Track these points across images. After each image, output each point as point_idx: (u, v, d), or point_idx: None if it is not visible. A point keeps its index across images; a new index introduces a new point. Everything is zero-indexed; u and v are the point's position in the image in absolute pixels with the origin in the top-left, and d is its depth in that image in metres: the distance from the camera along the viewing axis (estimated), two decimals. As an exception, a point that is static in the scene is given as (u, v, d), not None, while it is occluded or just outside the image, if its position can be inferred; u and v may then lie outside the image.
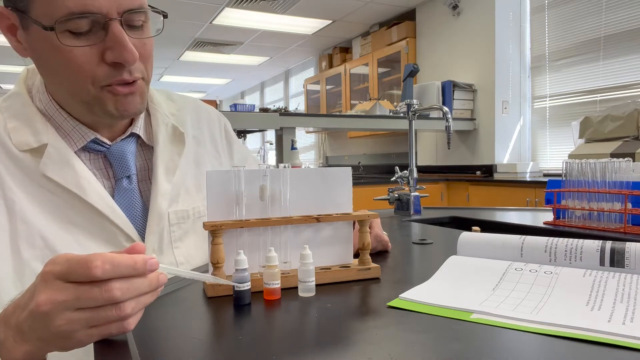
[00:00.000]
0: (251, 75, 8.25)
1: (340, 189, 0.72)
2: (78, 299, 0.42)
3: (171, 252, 0.75)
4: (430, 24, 4.61)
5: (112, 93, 0.64)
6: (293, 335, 0.49)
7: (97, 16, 0.59)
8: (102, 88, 0.64)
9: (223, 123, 0.92)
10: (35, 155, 0.66)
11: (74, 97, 0.66)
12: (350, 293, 0.63)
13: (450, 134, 1.50)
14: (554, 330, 0.47)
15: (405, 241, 1.03)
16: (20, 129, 0.66)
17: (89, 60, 0.61)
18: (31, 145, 0.66)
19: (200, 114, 0.87)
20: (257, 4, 4.62)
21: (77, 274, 0.42)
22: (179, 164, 0.78)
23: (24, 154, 0.66)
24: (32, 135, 0.66)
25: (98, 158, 0.73)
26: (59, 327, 0.43)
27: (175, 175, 0.77)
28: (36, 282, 0.44)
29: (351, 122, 3.85)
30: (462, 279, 0.63)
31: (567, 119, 3.62)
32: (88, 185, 0.68)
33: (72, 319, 0.43)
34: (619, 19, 3.30)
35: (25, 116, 0.67)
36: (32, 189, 0.65)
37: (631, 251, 0.58)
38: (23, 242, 0.63)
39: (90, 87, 0.63)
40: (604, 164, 1.15)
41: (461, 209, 1.67)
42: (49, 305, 0.42)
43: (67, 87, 0.65)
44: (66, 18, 0.58)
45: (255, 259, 0.67)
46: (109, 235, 0.69)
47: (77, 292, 0.42)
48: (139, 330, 0.51)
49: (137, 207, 0.73)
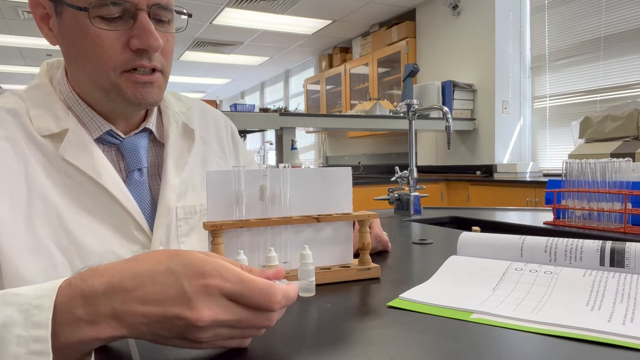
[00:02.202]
0: (251, 75, 8.25)
1: (340, 189, 0.72)
2: (239, 322, 0.40)
3: (177, 246, 0.77)
4: (430, 24, 4.61)
5: (131, 80, 0.67)
6: (293, 335, 0.49)
7: (128, 4, 0.63)
8: (122, 74, 0.67)
9: (230, 126, 0.94)
10: (55, 140, 0.69)
11: (95, 83, 0.68)
12: (350, 293, 0.63)
13: (450, 134, 1.50)
14: (554, 330, 0.47)
15: (405, 241, 1.03)
16: (42, 115, 0.69)
17: (113, 45, 0.65)
18: (52, 131, 0.69)
19: (207, 115, 0.90)
20: (257, 4, 4.62)
21: (255, 302, 0.40)
22: (188, 160, 0.80)
23: (45, 139, 0.68)
24: (53, 122, 0.69)
25: (111, 150, 0.75)
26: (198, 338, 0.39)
27: (184, 171, 0.79)
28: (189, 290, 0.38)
29: (351, 122, 3.85)
30: (462, 279, 0.63)
31: (567, 119, 3.62)
32: (104, 171, 0.70)
33: (219, 334, 0.40)
34: (619, 19, 3.30)
35: (47, 104, 0.70)
36: (51, 171, 0.68)
37: (631, 251, 0.58)
38: (38, 219, 0.65)
39: (111, 72, 0.66)
40: (604, 164, 1.15)
41: (461, 209, 1.67)
42: (208, 322, 0.38)
43: (89, 72, 0.67)
44: (101, 3, 0.62)
45: (255, 259, 0.67)
46: (120, 223, 0.71)
47: (241, 314, 0.40)
48: (139, 330, 0.51)
49: (146, 199, 0.75)
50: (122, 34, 0.65)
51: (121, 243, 0.70)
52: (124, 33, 0.65)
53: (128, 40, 0.65)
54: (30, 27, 5.26)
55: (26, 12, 4.71)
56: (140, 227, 0.72)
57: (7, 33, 5.46)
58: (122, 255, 0.69)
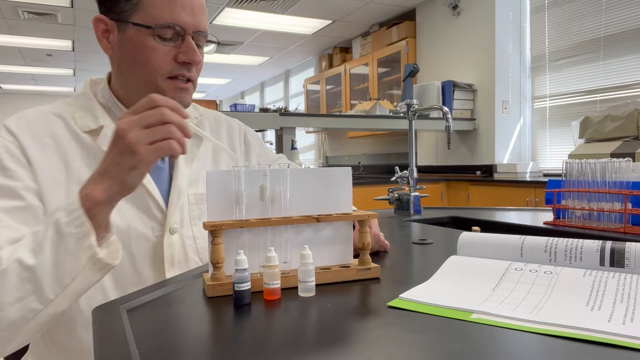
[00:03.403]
0: (251, 75, 8.25)
1: (340, 189, 0.72)
2: (143, 118, 0.63)
3: (190, 227, 0.90)
4: (430, 24, 4.61)
5: (173, 85, 0.85)
6: (293, 335, 0.49)
7: (179, 29, 0.83)
8: (166, 79, 0.84)
9: (244, 131, 1.09)
10: (94, 135, 0.85)
11: (145, 86, 0.85)
12: (350, 293, 0.63)
13: (450, 134, 1.50)
14: (554, 330, 0.47)
15: (405, 241, 1.03)
16: (84, 116, 0.87)
17: (164, 57, 0.83)
18: (91, 127, 0.85)
19: (220, 123, 1.06)
20: (257, 4, 4.62)
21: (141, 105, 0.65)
22: (196, 154, 0.95)
23: (85, 134, 0.85)
24: (92, 121, 0.86)
25: None
26: (130, 139, 0.62)
27: (194, 164, 0.94)
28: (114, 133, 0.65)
29: (351, 122, 3.85)
30: (462, 279, 0.63)
31: (567, 119, 3.62)
32: None
33: (139, 134, 0.62)
34: (619, 19, 3.30)
35: (89, 108, 0.88)
36: (89, 160, 0.84)
37: (631, 251, 0.58)
38: None
39: (158, 78, 0.84)
40: (604, 164, 1.15)
41: (461, 209, 1.67)
42: (125, 124, 0.63)
43: (142, 76, 0.85)
44: (162, 25, 0.82)
45: (255, 259, 0.67)
46: (141, 202, 0.85)
47: (142, 115, 0.64)
48: (139, 330, 0.51)
49: (164, 184, 0.90)
50: (172, 49, 0.84)
51: (142, 220, 0.84)
52: (173, 49, 0.84)
53: (175, 55, 0.84)
54: (30, 27, 5.26)
55: (26, 12, 4.72)
56: (158, 206, 0.86)
57: (7, 33, 5.46)
58: (142, 232, 0.84)
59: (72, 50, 6.33)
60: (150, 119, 0.64)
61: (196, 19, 0.84)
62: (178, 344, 0.47)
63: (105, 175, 0.64)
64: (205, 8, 0.88)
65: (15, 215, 0.73)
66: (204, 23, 0.86)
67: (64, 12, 4.76)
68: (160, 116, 0.64)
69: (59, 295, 0.63)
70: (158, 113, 0.64)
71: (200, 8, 0.86)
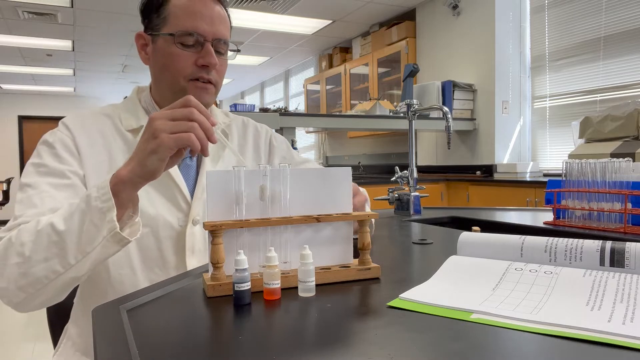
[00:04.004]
0: (251, 75, 8.25)
1: (340, 189, 0.72)
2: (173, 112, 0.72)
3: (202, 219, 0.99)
4: (430, 24, 4.61)
5: (194, 85, 0.95)
6: (293, 335, 0.49)
7: (199, 37, 0.94)
8: (189, 81, 0.95)
9: (270, 135, 1.19)
10: (135, 133, 0.97)
11: (171, 87, 0.97)
12: (350, 293, 0.63)
13: (450, 134, 1.50)
14: (554, 330, 0.47)
15: (405, 241, 1.03)
16: (128, 117, 1.00)
17: (186, 61, 0.94)
18: (134, 127, 0.98)
19: (247, 128, 1.16)
20: (257, 4, 4.62)
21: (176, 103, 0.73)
22: (222, 155, 1.05)
23: (129, 132, 0.98)
24: (135, 120, 0.99)
25: None
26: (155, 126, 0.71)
27: (219, 164, 1.04)
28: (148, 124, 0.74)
29: (351, 122, 3.85)
30: (462, 279, 0.63)
31: (567, 119, 3.62)
32: None
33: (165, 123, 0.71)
34: (619, 19, 3.30)
35: (133, 110, 1.01)
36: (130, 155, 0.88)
37: (631, 251, 0.58)
38: None
39: (181, 80, 0.95)
40: (604, 164, 1.15)
41: (461, 209, 1.67)
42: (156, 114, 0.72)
43: (169, 79, 0.96)
44: (183, 33, 0.93)
45: (255, 259, 0.67)
46: (170, 193, 0.95)
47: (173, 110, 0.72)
48: (139, 330, 0.51)
49: (191, 180, 1.01)
50: (193, 54, 0.94)
51: (170, 210, 0.94)
52: (194, 54, 0.94)
53: (196, 59, 0.94)
54: (30, 27, 5.26)
55: (26, 12, 4.72)
56: (185, 199, 0.96)
57: (7, 33, 5.46)
58: (169, 220, 0.94)
59: (72, 50, 6.33)
60: (178, 114, 0.72)
61: (215, 28, 0.95)
62: (178, 344, 0.47)
63: (132, 158, 0.74)
64: (225, 19, 0.99)
65: (61, 190, 0.86)
66: (223, 32, 0.97)
67: (64, 12, 4.76)
68: (188, 113, 0.72)
69: (79, 261, 0.72)
70: (187, 111, 0.72)
71: (220, 19, 0.96)
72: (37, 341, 2.99)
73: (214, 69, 0.96)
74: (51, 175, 0.87)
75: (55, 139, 0.93)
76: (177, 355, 0.45)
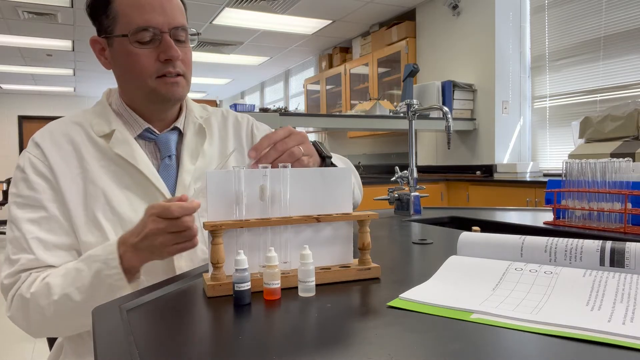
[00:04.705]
0: (251, 75, 8.25)
1: (340, 189, 0.72)
2: (168, 227, 0.73)
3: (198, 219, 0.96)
4: (430, 24, 4.60)
5: (163, 82, 0.92)
6: (293, 335, 0.49)
7: (155, 30, 0.89)
8: (157, 79, 0.91)
9: (251, 124, 1.14)
10: (107, 138, 0.94)
11: (139, 89, 0.93)
12: (350, 293, 0.63)
13: (450, 134, 1.50)
14: (554, 330, 0.47)
15: (405, 241, 1.03)
16: (100, 123, 0.96)
17: (148, 60, 0.90)
18: (105, 132, 0.95)
19: (227, 119, 1.12)
20: (257, 4, 4.62)
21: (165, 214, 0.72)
22: (202, 150, 1.02)
23: (101, 138, 0.94)
24: (106, 125, 0.96)
25: (150, 144, 1.00)
26: (158, 243, 0.74)
27: (199, 160, 1.00)
28: (144, 219, 0.76)
29: (351, 122, 3.85)
30: (462, 279, 0.63)
31: (567, 119, 3.62)
32: (140, 159, 0.94)
33: (166, 238, 0.74)
34: (619, 19, 3.30)
35: (104, 115, 0.98)
36: (104, 162, 0.93)
37: (631, 251, 0.58)
38: (91, 199, 0.90)
39: (148, 80, 0.91)
40: (604, 164, 1.15)
41: (461, 209, 1.67)
42: (154, 230, 0.73)
43: (134, 81, 0.93)
44: (136, 30, 0.88)
45: (255, 259, 0.67)
46: (152, 197, 0.93)
47: (168, 224, 0.73)
48: (139, 330, 0.51)
49: (172, 179, 0.98)
50: (153, 51, 0.90)
51: None
52: (154, 51, 0.90)
53: (158, 55, 0.90)
54: (30, 27, 5.26)
55: (26, 12, 4.72)
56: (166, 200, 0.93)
57: (7, 33, 5.46)
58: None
59: (72, 50, 6.33)
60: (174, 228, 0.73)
61: (169, 16, 0.90)
62: (178, 344, 0.47)
63: (141, 252, 0.78)
64: (177, 3, 0.93)
65: (42, 226, 0.87)
66: (178, 19, 0.91)
67: (64, 12, 4.76)
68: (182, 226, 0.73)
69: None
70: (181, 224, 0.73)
71: (171, 5, 0.90)
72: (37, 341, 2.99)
73: (177, 60, 0.91)
74: (28, 208, 0.88)
75: (26, 163, 0.91)
76: (177, 355, 0.45)
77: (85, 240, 0.88)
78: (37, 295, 0.80)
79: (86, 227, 0.88)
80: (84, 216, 0.89)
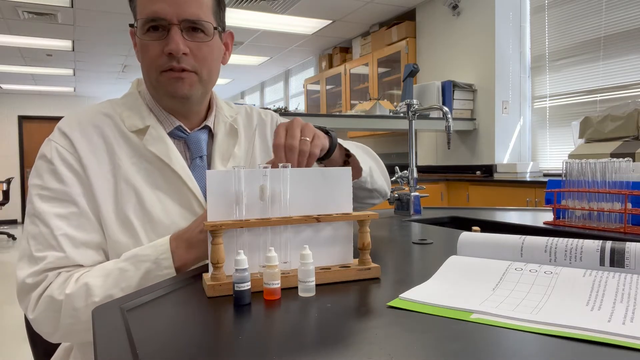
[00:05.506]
0: (251, 75, 8.25)
1: (340, 189, 0.72)
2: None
3: None
4: (430, 24, 4.61)
5: (166, 77, 0.87)
6: (293, 335, 0.49)
7: (163, 21, 0.84)
8: (161, 73, 0.87)
9: (275, 120, 1.11)
10: (140, 134, 0.89)
11: (149, 83, 0.91)
12: (350, 293, 0.63)
13: (450, 134, 1.50)
14: (554, 330, 0.47)
15: (405, 241, 1.03)
16: (131, 116, 0.91)
17: (154, 51, 0.85)
18: (138, 127, 0.90)
19: (252, 116, 1.09)
20: (257, 4, 4.62)
21: None
22: (232, 152, 0.98)
23: (132, 133, 0.89)
24: (139, 120, 0.90)
25: (180, 143, 0.95)
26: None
27: (229, 162, 0.97)
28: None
29: (351, 122, 3.85)
30: (462, 279, 0.63)
31: (567, 119, 3.62)
32: (175, 158, 0.89)
33: None
34: (619, 19, 3.30)
35: (135, 108, 0.92)
36: (135, 159, 0.88)
37: (631, 251, 0.58)
38: (122, 197, 0.85)
39: (154, 73, 0.87)
40: (604, 164, 1.15)
41: (461, 209, 1.67)
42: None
43: (146, 74, 0.89)
44: (143, 21, 0.84)
45: (255, 259, 0.67)
46: (185, 199, 0.89)
47: None
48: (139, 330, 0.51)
49: (203, 180, 0.92)
50: (160, 43, 0.85)
51: (185, 217, 0.88)
52: (161, 42, 0.85)
53: (163, 47, 0.84)
54: (30, 27, 5.26)
55: (26, 12, 4.72)
56: (200, 204, 0.89)
57: (7, 33, 5.46)
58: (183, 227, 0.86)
59: (72, 50, 6.33)
60: None
61: (180, 7, 0.83)
62: (178, 344, 0.47)
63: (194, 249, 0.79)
64: None
65: (72, 221, 0.82)
66: (190, 10, 0.84)
67: (64, 12, 4.76)
68: None
69: None
70: None
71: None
72: (37, 341, 2.98)
73: (178, 55, 0.84)
74: (56, 202, 0.81)
75: (53, 153, 0.84)
76: (177, 355, 0.45)
77: (116, 239, 0.83)
78: (73, 297, 0.75)
79: (117, 226, 0.84)
80: (114, 215, 0.84)
